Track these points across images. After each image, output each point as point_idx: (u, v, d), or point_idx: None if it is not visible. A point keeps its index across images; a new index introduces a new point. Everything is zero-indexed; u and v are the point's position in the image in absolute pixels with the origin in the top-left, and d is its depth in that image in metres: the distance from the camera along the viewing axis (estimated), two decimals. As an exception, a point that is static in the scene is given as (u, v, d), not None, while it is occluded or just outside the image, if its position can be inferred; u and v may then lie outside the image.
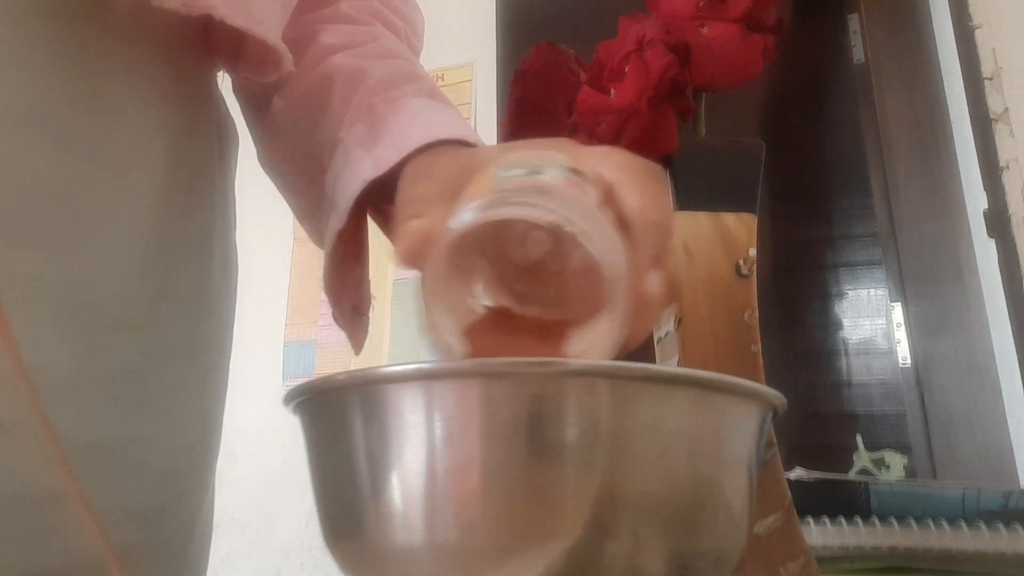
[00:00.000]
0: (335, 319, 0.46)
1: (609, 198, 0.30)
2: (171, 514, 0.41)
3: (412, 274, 0.34)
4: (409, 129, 0.39)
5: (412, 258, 0.31)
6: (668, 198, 0.30)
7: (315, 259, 1.91)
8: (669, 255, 0.30)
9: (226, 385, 0.47)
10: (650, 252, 0.29)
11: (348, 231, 0.41)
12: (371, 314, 0.47)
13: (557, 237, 0.30)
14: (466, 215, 0.29)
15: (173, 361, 0.40)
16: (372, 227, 0.45)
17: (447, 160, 0.37)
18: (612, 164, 0.31)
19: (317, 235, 0.49)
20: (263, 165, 0.51)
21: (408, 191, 0.36)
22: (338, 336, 2.00)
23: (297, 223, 0.51)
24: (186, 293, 0.41)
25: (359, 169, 0.39)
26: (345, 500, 0.28)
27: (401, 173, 0.38)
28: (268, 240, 1.95)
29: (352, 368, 0.27)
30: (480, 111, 1.90)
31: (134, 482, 0.37)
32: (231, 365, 0.48)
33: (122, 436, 0.36)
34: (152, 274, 0.38)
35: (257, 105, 0.49)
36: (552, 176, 0.30)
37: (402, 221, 0.33)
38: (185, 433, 0.41)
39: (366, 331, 0.47)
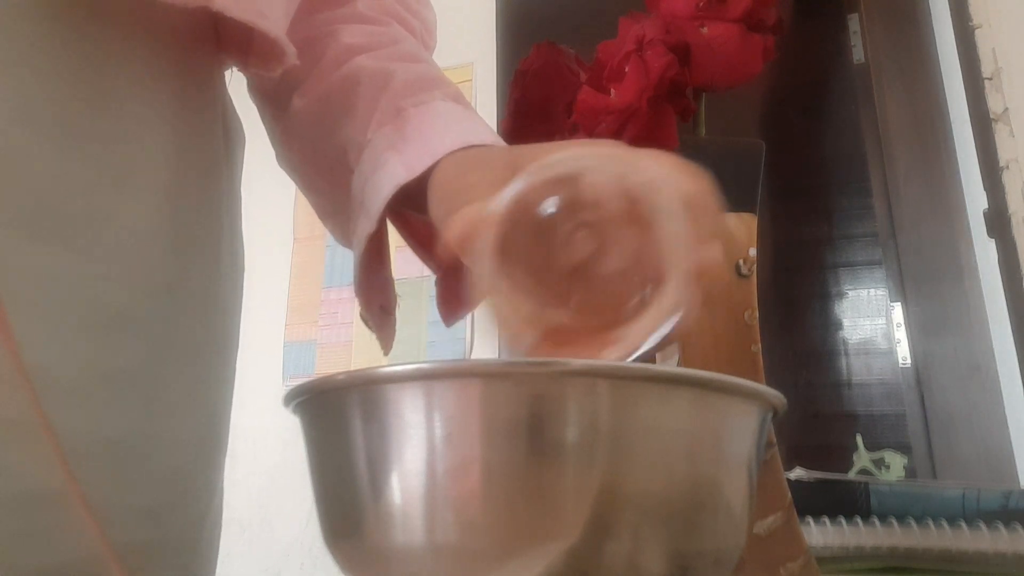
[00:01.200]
0: (364, 321, 0.46)
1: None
2: (179, 511, 0.41)
3: (413, 274, 0.33)
4: (440, 133, 0.39)
5: (462, 241, 0.31)
6: (715, 189, 0.31)
7: (315, 259, 1.92)
8: (721, 235, 0.31)
9: (233, 382, 0.47)
10: (704, 230, 0.29)
11: (374, 233, 0.41)
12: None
13: (602, 235, 0.30)
14: (517, 183, 0.29)
15: (181, 359, 0.40)
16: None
17: (494, 154, 0.37)
18: (661, 160, 0.32)
19: (340, 233, 0.49)
20: (281, 164, 0.51)
21: (459, 182, 0.36)
22: (338, 336, 1.99)
23: (297, 223, 0.51)
24: (194, 290, 0.41)
25: (391, 173, 0.39)
26: (345, 500, 0.28)
27: (435, 172, 0.38)
28: (268, 240, 1.95)
29: (352, 368, 0.27)
30: (480, 111, 1.90)
31: (140, 480, 0.37)
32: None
33: (128, 434, 0.36)
34: (160, 271, 0.38)
35: (274, 105, 0.49)
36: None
37: (456, 207, 0.33)
38: (192, 430, 0.41)
39: (394, 331, 0.47)
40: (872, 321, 1.45)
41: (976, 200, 1.35)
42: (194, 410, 0.41)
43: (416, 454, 0.25)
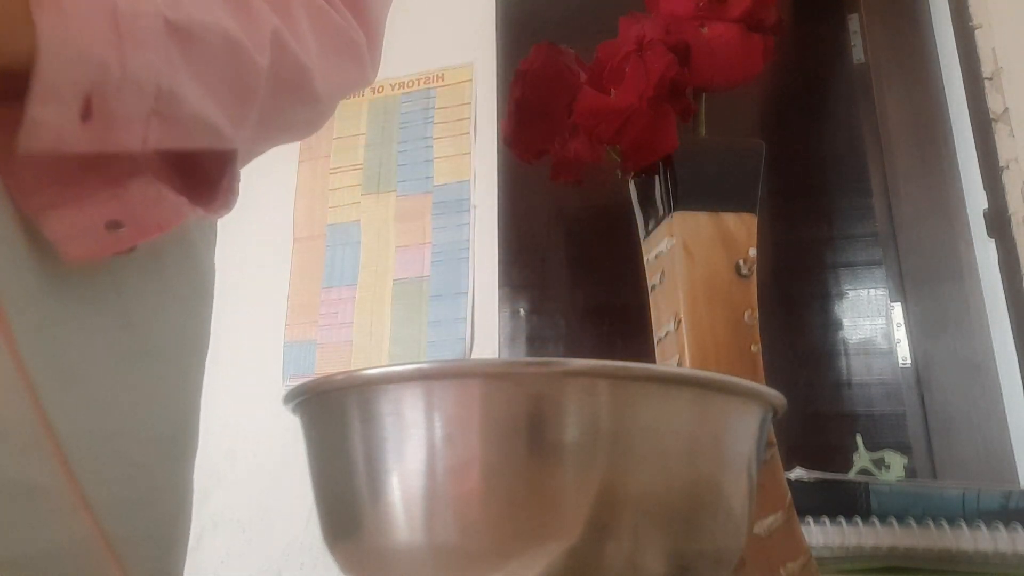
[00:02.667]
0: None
1: None
2: (146, 508, 0.41)
3: (413, 273, 0.33)
4: None
5: None
6: None
7: (315, 259, 1.92)
8: None
9: (201, 383, 0.47)
10: None
11: None
12: (371, 314, 0.47)
13: None
14: None
15: (141, 357, 0.40)
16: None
17: None
18: None
19: None
20: None
21: None
22: (338, 336, 1.98)
23: (297, 223, 0.51)
24: (145, 288, 0.41)
25: None
26: (345, 500, 0.28)
27: None
28: (268, 240, 1.95)
29: (352, 368, 0.27)
30: (480, 111, 1.90)
31: (96, 474, 0.38)
32: (231, 366, 0.48)
33: (101, 428, 0.37)
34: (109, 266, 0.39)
35: None
36: None
37: None
38: (154, 428, 0.42)
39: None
40: (872, 321, 1.45)
41: (976, 200, 1.35)
42: (156, 408, 0.42)
43: (416, 454, 0.25)
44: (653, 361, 0.52)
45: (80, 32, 0.31)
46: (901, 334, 1.41)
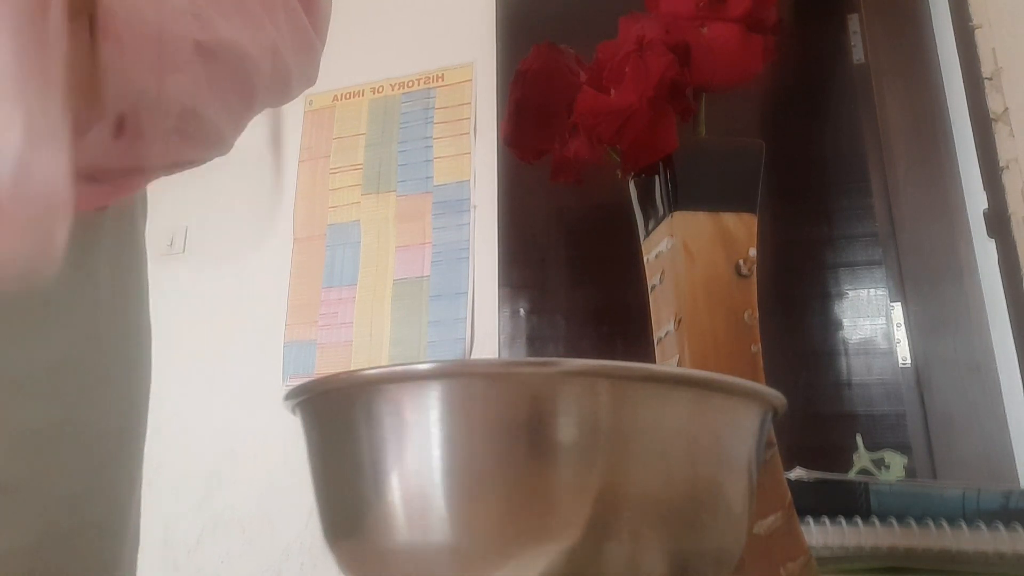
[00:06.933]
0: None
1: None
2: (100, 499, 0.42)
3: (413, 274, 0.34)
4: None
5: None
6: None
7: (315, 259, 1.92)
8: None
9: (150, 372, 0.48)
10: None
11: None
12: (371, 314, 0.47)
13: None
14: None
15: (99, 349, 0.41)
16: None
17: None
18: None
19: None
20: None
21: None
22: (338, 336, 1.98)
23: (297, 223, 0.52)
24: (101, 282, 0.42)
25: None
26: (345, 499, 0.28)
27: None
28: (268, 240, 1.95)
29: (352, 368, 0.27)
30: (480, 111, 1.90)
31: (60, 469, 0.38)
32: (231, 365, 0.48)
33: (55, 423, 0.38)
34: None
35: None
36: None
37: None
38: (114, 420, 0.42)
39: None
40: (872, 321, 1.45)
41: (976, 200, 1.35)
42: (115, 400, 0.42)
43: (416, 454, 0.25)
44: (653, 361, 0.52)
45: (131, 62, 0.33)
46: (901, 334, 1.41)
